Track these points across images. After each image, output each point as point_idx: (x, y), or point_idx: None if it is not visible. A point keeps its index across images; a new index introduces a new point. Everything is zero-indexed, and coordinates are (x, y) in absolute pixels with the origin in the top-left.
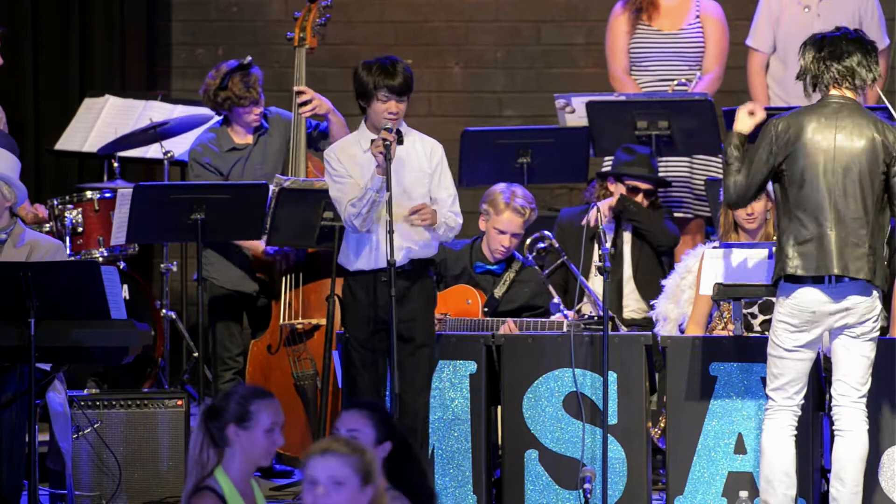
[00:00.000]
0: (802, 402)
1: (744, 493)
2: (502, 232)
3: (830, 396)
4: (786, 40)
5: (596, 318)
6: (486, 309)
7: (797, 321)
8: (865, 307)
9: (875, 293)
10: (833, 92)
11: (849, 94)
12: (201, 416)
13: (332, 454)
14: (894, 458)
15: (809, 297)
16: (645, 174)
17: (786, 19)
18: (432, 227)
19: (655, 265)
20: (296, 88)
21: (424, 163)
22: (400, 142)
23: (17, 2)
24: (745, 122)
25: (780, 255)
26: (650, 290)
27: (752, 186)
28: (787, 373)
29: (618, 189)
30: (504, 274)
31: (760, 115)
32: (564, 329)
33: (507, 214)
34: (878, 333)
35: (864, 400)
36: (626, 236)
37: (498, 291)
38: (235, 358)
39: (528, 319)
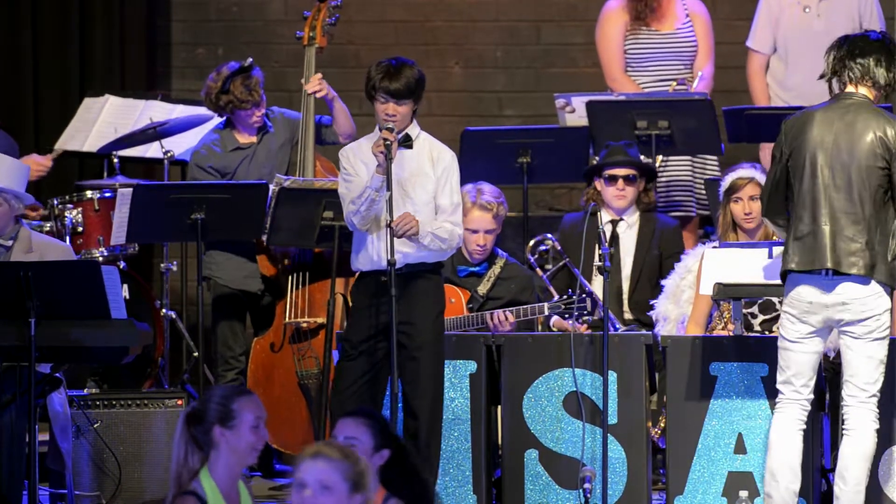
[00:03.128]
0: (811, 396)
1: (744, 493)
2: (474, 231)
3: (831, 396)
4: (786, 41)
5: (578, 297)
6: (470, 306)
7: (796, 311)
8: (862, 303)
9: (877, 288)
10: (849, 89)
11: (865, 91)
12: (183, 421)
13: (323, 458)
14: (894, 459)
15: (805, 289)
16: (616, 160)
17: (785, 20)
18: (416, 238)
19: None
20: (311, 79)
21: (428, 167)
22: (409, 146)
23: (17, 2)
24: None
25: (784, 250)
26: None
27: (775, 187)
28: (791, 365)
29: (602, 186)
30: (487, 272)
31: None
32: (546, 311)
33: (475, 213)
34: (886, 332)
35: (874, 400)
36: (626, 244)
37: (482, 288)
38: (238, 357)
39: (520, 307)
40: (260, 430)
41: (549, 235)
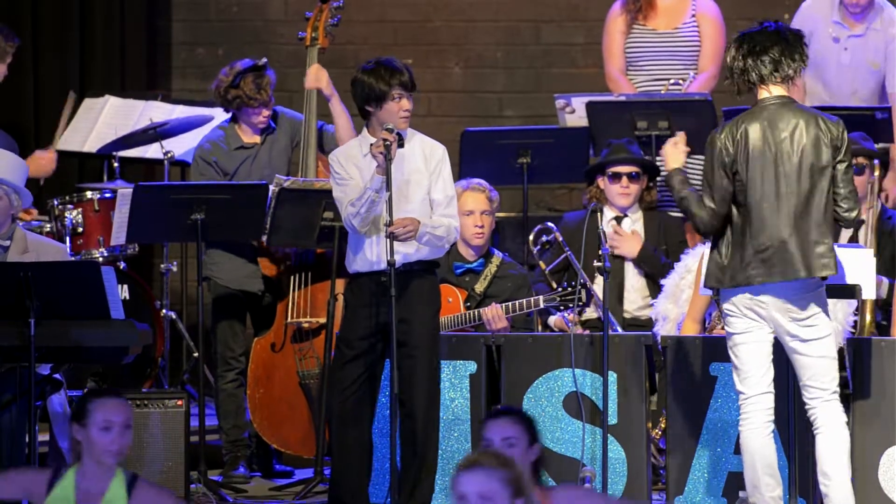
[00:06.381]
0: (771, 388)
1: (744, 493)
2: (470, 213)
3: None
4: (814, 57)
5: (569, 288)
6: (467, 304)
7: (737, 307)
8: (807, 303)
9: (821, 290)
10: (763, 93)
11: (778, 89)
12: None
13: (481, 468)
14: (894, 459)
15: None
16: (620, 157)
17: (815, 39)
18: (415, 239)
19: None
20: (309, 72)
21: (422, 164)
22: (401, 145)
23: (17, 2)
24: (676, 156)
25: (736, 263)
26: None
27: (723, 205)
28: (745, 359)
29: (605, 184)
30: (484, 270)
31: (684, 146)
32: (541, 304)
33: (468, 195)
34: (828, 330)
35: (837, 395)
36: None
37: (479, 287)
38: (238, 358)
39: (512, 302)
40: (112, 433)
41: (554, 227)
